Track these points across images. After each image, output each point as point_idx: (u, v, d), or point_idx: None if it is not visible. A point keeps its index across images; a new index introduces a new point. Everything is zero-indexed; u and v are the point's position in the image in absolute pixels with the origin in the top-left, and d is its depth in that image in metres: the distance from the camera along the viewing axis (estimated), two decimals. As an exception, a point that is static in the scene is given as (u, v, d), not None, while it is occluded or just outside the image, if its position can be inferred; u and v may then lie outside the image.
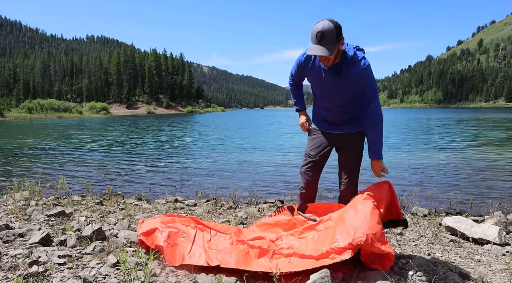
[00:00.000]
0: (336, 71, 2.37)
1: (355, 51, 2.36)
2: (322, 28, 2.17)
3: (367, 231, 2.09)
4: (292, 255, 2.29)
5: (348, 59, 2.33)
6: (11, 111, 65.30)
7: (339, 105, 2.51)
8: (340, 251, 2.08)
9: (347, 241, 2.08)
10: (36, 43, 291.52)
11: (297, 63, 2.59)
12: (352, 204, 2.36)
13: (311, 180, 2.69)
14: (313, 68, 2.47)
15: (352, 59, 2.33)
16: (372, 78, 2.38)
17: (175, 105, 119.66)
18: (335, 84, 2.42)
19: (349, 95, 2.43)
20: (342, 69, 2.35)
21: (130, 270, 2.15)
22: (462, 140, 15.60)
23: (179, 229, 2.50)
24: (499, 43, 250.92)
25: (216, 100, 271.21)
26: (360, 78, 2.34)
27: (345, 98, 2.46)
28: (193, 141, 17.33)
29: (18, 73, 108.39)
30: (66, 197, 5.06)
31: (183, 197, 5.39)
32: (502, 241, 2.91)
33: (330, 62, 2.30)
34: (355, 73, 2.33)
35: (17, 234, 2.93)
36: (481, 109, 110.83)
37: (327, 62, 2.30)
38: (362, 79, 2.34)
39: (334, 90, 2.45)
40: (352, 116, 2.55)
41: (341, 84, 2.39)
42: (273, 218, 2.81)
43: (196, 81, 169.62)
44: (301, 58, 2.53)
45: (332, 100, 2.52)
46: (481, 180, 6.95)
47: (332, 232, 2.25)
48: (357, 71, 2.33)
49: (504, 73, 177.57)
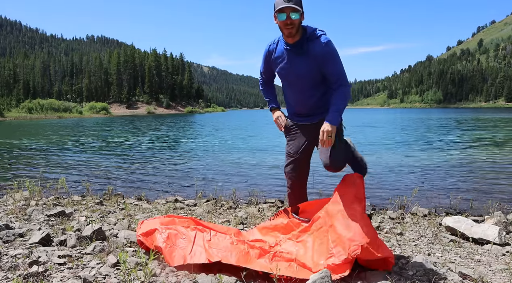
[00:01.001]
0: (298, 49, 2.36)
1: (315, 29, 2.37)
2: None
3: (361, 241, 2.10)
4: (293, 261, 2.30)
5: (308, 34, 2.34)
6: (11, 111, 65.31)
7: (307, 88, 2.45)
8: (337, 269, 2.11)
9: (343, 257, 2.11)
10: (36, 43, 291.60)
11: (264, 56, 2.59)
12: (339, 210, 2.33)
13: (296, 180, 2.65)
14: (278, 54, 2.48)
15: (311, 34, 2.34)
16: (335, 54, 2.34)
17: (175, 105, 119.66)
18: (299, 65, 2.39)
19: (315, 74, 2.39)
20: (303, 47, 2.34)
21: (130, 270, 2.15)
22: (462, 140, 15.60)
23: (178, 231, 2.50)
24: (499, 43, 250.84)
25: (216, 100, 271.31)
26: (323, 54, 2.31)
27: (311, 78, 2.41)
28: (193, 141, 17.33)
29: (18, 73, 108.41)
30: (66, 197, 5.06)
31: (183, 197, 5.39)
32: (502, 241, 2.91)
33: (294, 30, 2.28)
34: (317, 50, 2.32)
35: (17, 234, 2.93)
36: (481, 109, 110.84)
37: (292, 29, 2.27)
38: (325, 56, 2.32)
39: (299, 72, 2.41)
40: (323, 101, 2.48)
41: (305, 63, 2.37)
42: (272, 222, 2.81)
43: (196, 81, 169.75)
44: (266, 49, 2.57)
45: (300, 85, 2.46)
46: (481, 180, 6.94)
47: (326, 240, 2.28)
48: (319, 47, 2.31)
49: (504, 73, 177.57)
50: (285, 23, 2.27)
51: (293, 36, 2.31)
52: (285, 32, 2.32)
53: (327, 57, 2.32)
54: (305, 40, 2.33)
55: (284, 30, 2.32)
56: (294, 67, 2.42)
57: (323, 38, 2.31)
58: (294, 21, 2.26)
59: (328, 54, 2.32)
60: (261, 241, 2.60)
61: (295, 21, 2.26)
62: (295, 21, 2.26)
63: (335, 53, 2.34)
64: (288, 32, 2.29)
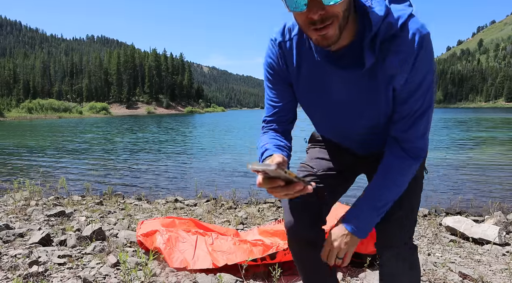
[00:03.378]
0: (351, 63, 1.05)
1: (388, 5, 1.02)
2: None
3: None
4: None
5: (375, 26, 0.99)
6: (11, 111, 65.38)
7: (365, 132, 1.22)
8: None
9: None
10: (36, 43, 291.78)
11: (267, 73, 1.22)
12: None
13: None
14: (302, 64, 1.14)
15: (386, 27, 0.99)
16: (430, 76, 1.04)
17: (175, 105, 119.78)
18: (345, 94, 1.12)
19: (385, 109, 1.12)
20: (365, 58, 1.01)
21: (130, 270, 2.15)
22: (462, 140, 15.60)
23: (179, 234, 2.50)
24: (499, 43, 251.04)
25: (216, 100, 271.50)
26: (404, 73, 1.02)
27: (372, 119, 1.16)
28: (193, 141, 17.34)
29: (18, 73, 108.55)
30: (66, 197, 5.06)
31: (183, 197, 5.39)
32: (502, 241, 2.91)
33: (331, 31, 0.93)
34: (395, 63, 1.01)
35: (17, 234, 2.93)
36: (481, 109, 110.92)
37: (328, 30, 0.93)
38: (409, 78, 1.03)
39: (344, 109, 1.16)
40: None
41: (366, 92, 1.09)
42: (273, 226, 2.80)
43: (196, 81, 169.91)
44: (270, 54, 1.19)
45: (345, 129, 1.25)
46: (481, 180, 6.94)
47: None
48: (402, 56, 1.00)
49: (504, 73, 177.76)
50: (309, 20, 0.93)
51: (332, 43, 0.98)
52: (311, 35, 0.98)
53: (409, 84, 1.04)
54: (367, 42, 1.00)
55: (310, 33, 0.97)
56: (336, 96, 1.14)
57: (411, 30, 0.99)
58: (332, 11, 0.91)
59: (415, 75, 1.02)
60: (261, 241, 2.60)
61: (333, 11, 0.91)
62: (333, 11, 0.91)
63: (427, 75, 1.03)
64: (320, 38, 0.96)
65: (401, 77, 1.03)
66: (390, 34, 1.00)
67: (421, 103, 1.05)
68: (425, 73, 1.02)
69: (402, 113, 1.08)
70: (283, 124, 1.26)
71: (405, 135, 1.09)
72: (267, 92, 1.26)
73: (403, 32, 0.99)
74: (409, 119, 1.07)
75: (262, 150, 1.17)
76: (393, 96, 1.08)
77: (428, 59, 1.01)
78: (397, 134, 1.11)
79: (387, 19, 0.99)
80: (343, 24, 0.95)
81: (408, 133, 1.09)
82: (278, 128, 1.25)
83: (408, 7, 1.03)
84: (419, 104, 1.05)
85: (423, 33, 0.99)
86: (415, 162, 1.11)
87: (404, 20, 0.99)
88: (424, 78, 1.02)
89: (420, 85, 1.03)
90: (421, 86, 1.03)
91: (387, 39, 1.00)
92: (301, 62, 1.14)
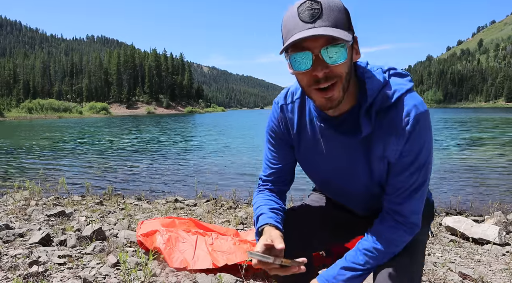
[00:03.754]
0: (350, 129, 1.07)
1: (386, 78, 1.05)
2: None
3: None
4: None
5: (370, 95, 1.02)
6: (11, 111, 65.43)
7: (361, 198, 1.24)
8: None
9: None
10: (36, 43, 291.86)
11: (269, 135, 1.26)
12: None
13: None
14: (302, 130, 1.18)
15: (381, 96, 1.02)
16: (423, 153, 1.03)
17: (175, 105, 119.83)
18: (348, 160, 1.13)
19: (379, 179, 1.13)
20: (359, 126, 1.04)
21: (130, 270, 2.15)
22: (462, 140, 15.60)
23: (179, 234, 2.50)
24: (499, 43, 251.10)
25: (216, 100, 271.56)
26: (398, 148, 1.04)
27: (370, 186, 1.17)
28: (193, 141, 17.34)
29: (18, 73, 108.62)
30: (66, 197, 5.06)
31: (183, 197, 5.39)
32: (502, 241, 2.91)
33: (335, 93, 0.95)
34: (391, 132, 1.02)
35: (17, 234, 2.93)
36: (481, 109, 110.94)
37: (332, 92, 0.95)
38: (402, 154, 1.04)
39: (344, 174, 1.17)
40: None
41: (361, 159, 1.10)
42: None
43: (196, 81, 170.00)
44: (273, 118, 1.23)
45: (345, 192, 1.25)
46: (481, 180, 6.94)
47: None
48: (396, 126, 1.01)
49: (504, 73, 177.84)
50: (314, 79, 0.94)
51: (335, 106, 0.99)
52: (315, 97, 0.99)
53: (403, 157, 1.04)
54: (363, 111, 1.02)
55: (313, 94, 0.98)
56: (336, 161, 1.16)
57: (406, 105, 1.00)
58: (336, 71, 0.93)
59: (410, 150, 1.03)
60: None
61: (337, 71, 0.93)
62: (337, 71, 0.93)
63: (423, 150, 1.03)
64: (324, 100, 0.97)
65: (395, 150, 1.04)
66: (386, 106, 1.02)
67: (416, 178, 1.05)
68: (420, 149, 1.02)
69: (396, 186, 1.07)
70: (279, 184, 1.29)
71: (399, 208, 1.08)
72: (267, 152, 1.28)
73: (399, 106, 1.01)
74: (403, 193, 1.07)
75: (258, 213, 1.19)
76: (388, 168, 1.09)
77: (422, 136, 1.01)
78: (391, 206, 1.10)
79: (383, 90, 1.02)
80: (346, 86, 0.97)
81: (402, 207, 1.07)
82: (274, 188, 1.28)
83: (408, 82, 1.05)
84: (414, 178, 1.05)
85: (419, 110, 1.00)
86: (407, 234, 1.09)
87: (401, 94, 1.01)
88: (419, 154, 1.03)
89: (414, 160, 1.03)
90: (415, 161, 1.03)
91: (382, 110, 1.02)
92: (302, 125, 1.17)
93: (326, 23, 0.88)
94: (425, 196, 1.10)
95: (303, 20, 0.89)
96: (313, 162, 1.20)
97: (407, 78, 1.06)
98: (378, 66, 1.08)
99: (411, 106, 1.00)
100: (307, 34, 0.87)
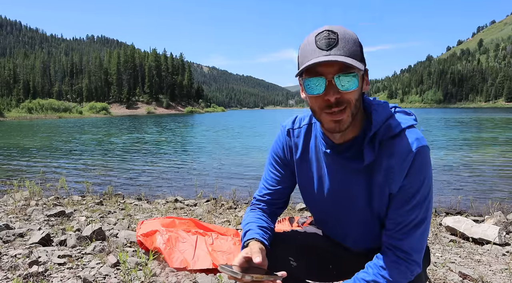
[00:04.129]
0: (353, 156, 1.10)
1: (392, 112, 1.10)
2: (330, 27, 0.98)
3: None
4: None
5: (375, 126, 1.05)
6: (11, 111, 65.44)
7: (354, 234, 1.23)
8: None
9: None
10: (36, 43, 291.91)
11: (273, 154, 1.29)
12: None
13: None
14: (305, 155, 1.22)
15: (385, 129, 1.06)
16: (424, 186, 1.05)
17: (175, 105, 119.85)
18: (349, 189, 1.14)
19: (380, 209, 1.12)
20: (364, 154, 1.06)
21: (130, 270, 2.15)
22: (462, 140, 15.60)
23: (179, 234, 2.50)
24: (499, 43, 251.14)
25: (216, 100, 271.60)
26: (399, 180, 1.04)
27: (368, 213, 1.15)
28: (194, 141, 17.34)
29: (18, 73, 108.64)
30: (66, 197, 5.06)
31: (183, 197, 5.39)
32: (502, 241, 2.91)
33: (346, 117, 0.99)
34: (391, 163, 1.04)
35: (17, 234, 2.93)
36: (481, 109, 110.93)
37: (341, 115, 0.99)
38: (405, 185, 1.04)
39: (343, 201, 1.17)
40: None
41: (362, 186, 1.11)
42: None
43: (196, 81, 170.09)
44: (280, 141, 1.27)
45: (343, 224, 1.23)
46: (481, 180, 6.94)
47: None
48: (396, 157, 1.04)
49: (504, 73, 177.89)
50: (325, 103, 0.99)
51: (343, 129, 1.02)
52: (325, 120, 1.03)
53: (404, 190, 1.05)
54: (367, 140, 1.06)
55: (324, 117, 1.03)
56: (337, 186, 1.17)
57: (409, 138, 1.04)
58: (347, 97, 0.98)
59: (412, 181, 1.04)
60: None
61: (348, 97, 0.98)
62: (348, 97, 0.98)
63: (424, 184, 1.04)
64: (334, 123, 1.01)
65: (395, 183, 1.05)
66: (388, 136, 1.05)
67: (417, 213, 1.05)
68: (421, 182, 1.04)
69: (397, 220, 1.07)
70: (272, 206, 1.32)
71: (399, 244, 1.07)
72: (266, 172, 1.31)
73: (401, 139, 1.04)
74: (403, 228, 1.06)
75: (246, 229, 1.21)
76: (389, 201, 1.09)
77: (423, 170, 1.03)
78: (391, 242, 1.08)
79: (388, 121, 1.07)
80: (355, 113, 1.02)
81: (403, 243, 1.06)
82: (266, 209, 1.31)
83: (412, 120, 1.09)
84: (415, 214, 1.05)
85: (421, 144, 1.03)
86: (408, 272, 1.06)
87: (404, 128, 1.05)
88: (420, 187, 1.04)
89: (415, 193, 1.04)
90: (416, 195, 1.04)
91: (385, 141, 1.05)
92: (307, 150, 1.21)
93: (341, 51, 0.95)
94: (426, 235, 1.09)
95: (319, 47, 0.96)
96: (314, 187, 1.22)
97: (412, 117, 1.11)
98: (385, 101, 1.14)
99: (413, 139, 1.03)
100: (322, 59, 0.93)
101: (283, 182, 1.28)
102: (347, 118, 1.00)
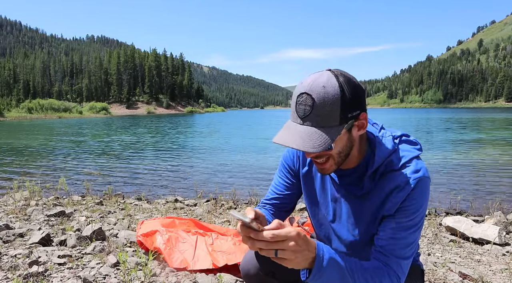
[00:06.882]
0: (353, 182, 1.16)
1: (396, 145, 1.12)
2: (310, 88, 0.96)
3: None
4: None
5: (377, 161, 1.09)
6: (11, 111, 65.43)
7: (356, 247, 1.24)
8: None
9: None
10: (36, 43, 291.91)
11: (284, 163, 1.34)
12: None
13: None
14: (310, 171, 1.28)
15: (387, 164, 1.09)
16: (417, 214, 1.07)
17: (175, 105, 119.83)
18: (348, 211, 1.20)
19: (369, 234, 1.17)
20: (360, 183, 1.13)
21: (130, 270, 2.15)
22: (462, 140, 15.60)
23: (179, 234, 2.50)
24: (499, 43, 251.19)
25: (216, 100, 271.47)
26: (395, 205, 1.07)
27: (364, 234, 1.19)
28: (194, 142, 17.33)
29: (18, 73, 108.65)
30: (66, 197, 5.06)
31: (183, 197, 5.39)
32: (502, 241, 2.91)
33: (327, 166, 1.07)
34: (388, 188, 1.08)
35: (17, 234, 2.93)
36: (481, 109, 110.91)
37: (324, 165, 1.07)
38: (399, 209, 1.07)
39: (343, 222, 1.22)
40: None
41: (360, 209, 1.17)
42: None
43: (196, 81, 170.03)
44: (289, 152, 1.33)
45: (343, 240, 1.26)
46: (481, 180, 6.95)
47: None
48: (393, 185, 1.07)
49: (504, 73, 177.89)
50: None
51: (330, 172, 1.11)
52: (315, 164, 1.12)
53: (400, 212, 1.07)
54: (368, 174, 1.11)
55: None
56: (337, 209, 1.22)
57: (410, 170, 1.06)
58: (324, 154, 1.04)
59: (407, 209, 1.06)
60: None
61: (326, 154, 1.04)
62: (326, 154, 1.04)
63: (419, 211, 1.07)
64: (319, 168, 1.11)
65: (394, 203, 1.07)
66: (390, 169, 1.08)
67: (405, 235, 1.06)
68: (417, 208, 1.06)
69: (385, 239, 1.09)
70: (278, 210, 1.34)
71: (385, 259, 1.07)
72: (276, 178, 1.36)
73: (402, 172, 1.07)
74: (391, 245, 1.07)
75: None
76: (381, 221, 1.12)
77: (420, 201, 1.06)
78: (378, 256, 1.09)
79: (390, 157, 1.09)
80: (341, 160, 1.07)
81: (388, 259, 1.07)
82: (272, 210, 1.34)
83: (417, 150, 1.12)
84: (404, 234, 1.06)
85: (422, 175, 1.05)
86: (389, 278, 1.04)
87: (406, 161, 1.08)
88: (415, 212, 1.06)
89: (409, 216, 1.06)
90: (411, 217, 1.06)
91: (386, 172, 1.09)
92: (312, 166, 1.26)
93: (313, 122, 0.96)
94: (411, 259, 1.10)
95: (297, 112, 0.98)
96: (315, 202, 1.28)
97: (417, 147, 1.13)
98: (391, 133, 1.15)
99: (414, 171, 1.06)
100: (286, 143, 0.96)
101: (291, 189, 1.32)
102: (331, 167, 1.07)
